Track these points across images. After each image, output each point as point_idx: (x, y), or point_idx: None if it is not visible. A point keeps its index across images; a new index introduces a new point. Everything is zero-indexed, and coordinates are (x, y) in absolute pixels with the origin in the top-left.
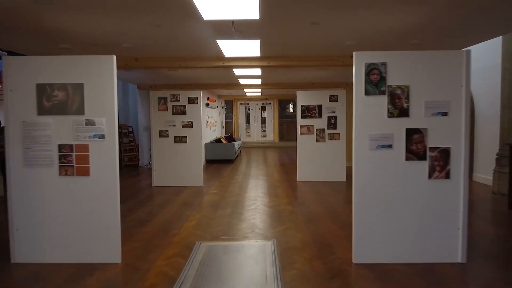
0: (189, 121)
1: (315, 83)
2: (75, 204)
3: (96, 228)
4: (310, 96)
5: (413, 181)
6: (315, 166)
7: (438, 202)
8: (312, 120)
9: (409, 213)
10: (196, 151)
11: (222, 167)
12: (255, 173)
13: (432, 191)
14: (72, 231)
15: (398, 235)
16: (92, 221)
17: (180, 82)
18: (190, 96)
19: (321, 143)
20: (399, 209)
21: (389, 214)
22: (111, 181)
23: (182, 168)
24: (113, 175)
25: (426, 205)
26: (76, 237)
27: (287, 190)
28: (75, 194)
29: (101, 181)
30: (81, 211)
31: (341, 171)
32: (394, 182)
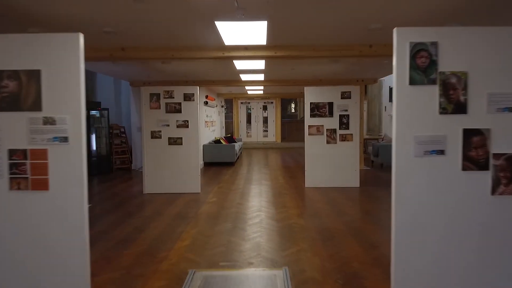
0: (184, 120)
1: (323, 79)
2: (29, 227)
3: (57, 258)
4: (320, 92)
5: (472, 198)
6: (325, 170)
7: (505, 226)
8: (322, 119)
9: (467, 240)
10: (192, 154)
11: (221, 170)
12: (258, 178)
13: (497, 211)
14: (26, 262)
15: (453, 270)
16: (51, 249)
17: (176, 79)
18: (185, 92)
19: (332, 145)
20: (454, 235)
21: (440, 242)
22: (77, 197)
23: (177, 173)
24: (79, 190)
25: (489, 229)
26: (30, 270)
27: (295, 199)
28: (30, 214)
29: (63, 197)
30: (37, 236)
31: (354, 176)
32: (447, 199)
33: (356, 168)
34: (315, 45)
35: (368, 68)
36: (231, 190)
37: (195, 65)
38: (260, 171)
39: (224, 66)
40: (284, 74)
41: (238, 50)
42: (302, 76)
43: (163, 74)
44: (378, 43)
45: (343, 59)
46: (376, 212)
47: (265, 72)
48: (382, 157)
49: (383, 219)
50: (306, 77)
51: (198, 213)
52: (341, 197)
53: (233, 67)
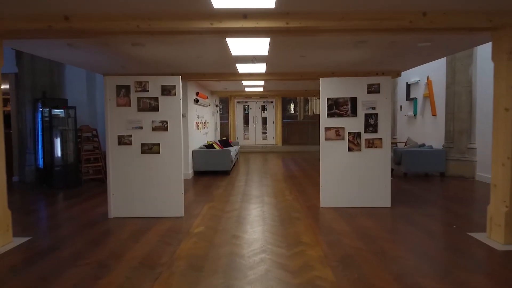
0: (162, 121)
1: (335, 72)
2: None
3: None
4: (340, 85)
5: None
6: (346, 185)
7: None
8: (343, 120)
9: None
10: (173, 166)
11: (214, 181)
12: (259, 193)
13: None
14: None
15: None
16: None
17: (158, 71)
18: (164, 84)
19: (356, 153)
20: None
21: None
22: None
23: (153, 192)
24: None
25: None
26: None
27: (312, 228)
28: None
29: None
30: None
31: (384, 194)
32: None
33: (386, 183)
34: (345, 12)
35: (397, 56)
36: (225, 213)
37: (178, 50)
38: (261, 183)
39: (215, 50)
40: (291, 64)
41: (234, 19)
42: (311, 67)
43: (142, 65)
44: (435, 10)
45: (374, 39)
46: (441, 256)
47: (268, 59)
48: (406, 166)
49: (460, 271)
50: (315, 69)
51: (175, 256)
52: (374, 225)
53: (227, 52)
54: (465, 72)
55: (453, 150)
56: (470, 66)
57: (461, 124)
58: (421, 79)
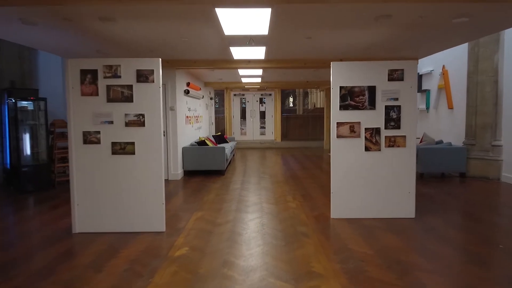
0: (138, 114)
1: (343, 59)
2: None
3: None
4: (355, 70)
5: None
6: (363, 192)
7: None
8: (359, 113)
9: None
10: (152, 169)
11: (206, 183)
12: (257, 198)
13: None
14: None
15: None
16: None
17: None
18: (140, 68)
19: (374, 153)
20: None
21: None
22: None
23: (127, 201)
24: None
25: None
26: None
27: (325, 250)
28: None
29: None
30: None
31: (407, 202)
32: None
33: (410, 189)
34: None
35: (419, 38)
36: (216, 227)
37: (158, 29)
38: (259, 185)
39: (203, 28)
40: (294, 47)
41: None
42: (316, 53)
43: (121, 49)
44: None
45: (401, 13)
46: None
47: (268, 41)
48: (423, 165)
49: None
50: (321, 55)
51: None
52: (402, 245)
53: (219, 32)
54: (490, 60)
55: (475, 147)
56: (496, 53)
57: (485, 118)
58: (435, 69)
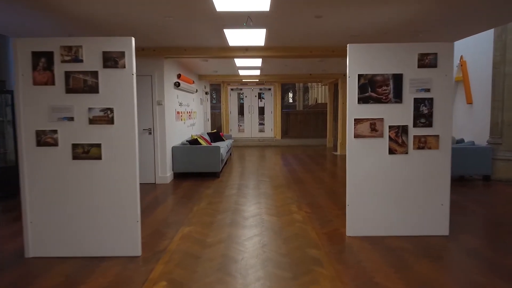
0: (106, 108)
1: None
2: None
3: None
4: (378, 54)
5: None
6: (385, 205)
7: None
8: (381, 108)
9: None
10: (123, 178)
11: (198, 187)
12: (256, 207)
13: None
14: None
15: None
16: None
17: None
18: (107, 49)
19: (400, 157)
20: None
21: None
22: None
23: (93, 218)
24: None
25: None
26: None
27: (345, 286)
28: None
29: None
30: None
31: (440, 217)
32: None
33: (444, 200)
34: None
35: (453, 17)
36: (205, 249)
37: (132, 2)
38: (259, 191)
39: (190, 1)
40: (299, 30)
41: None
42: (324, 38)
43: (97, 32)
44: None
45: None
46: None
47: (269, 22)
48: None
49: None
50: (330, 40)
51: None
52: (444, 279)
53: (209, 7)
54: None
55: (502, 147)
56: None
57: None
58: None
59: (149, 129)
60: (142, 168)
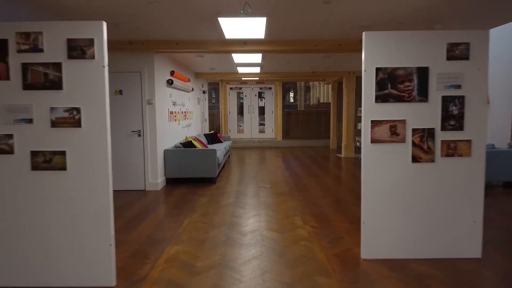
0: (71, 108)
1: None
2: None
3: None
4: (399, 43)
5: None
6: (408, 222)
7: None
8: (403, 108)
9: None
10: (93, 193)
11: (192, 196)
12: (255, 221)
13: None
14: None
15: None
16: None
17: (111, 38)
18: (72, 36)
19: (425, 166)
20: None
21: None
22: None
23: (55, 241)
24: None
25: None
26: None
27: None
28: None
29: None
30: None
31: (471, 236)
32: None
33: (476, 217)
34: None
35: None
36: (194, 276)
37: None
38: (258, 199)
39: None
40: (305, 20)
41: None
42: (335, 26)
43: (66, 19)
44: None
45: None
46: None
47: (270, 8)
48: None
49: None
50: (341, 30)
51: None
52: None
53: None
54: None
55: None
56: None
57: None
58: None
59: (138, 131)
60: (131, 173)
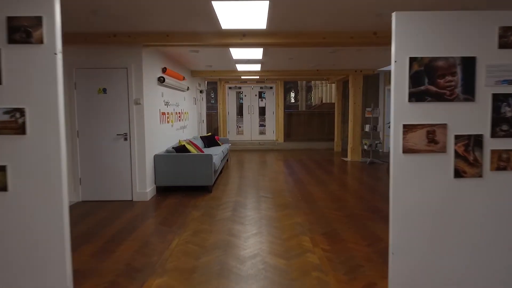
0: (12, 109)
1: (379, 32)
2: None
3: None
4: (438, 27)
5: None
6: (451, 253)
7: None
8: (444, 109)
9: None
10: (45, 219)
11: (184, 208)
12: (256, 243)
13: None
14: None
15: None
16: None
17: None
18: (11, 14)
19: (471, 182)
20: None
21: None
22: None
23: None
24: None
25: None
26: None
27: None
28: None
29: None
30: None
31: None
32: None
33: None
34: None
35: None
36: None
37: None
38: (259, 213)
39: None
40: (313, 7)
41: None
42: (348, 15)
43: None
44: None
45: None
46: None
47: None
48: None
49: None
50: (354, 18)
51: None
52: None
53: None
54: None
55: None
56: None
57: None
58: None
59: (124, 134)
60: (116, 182)
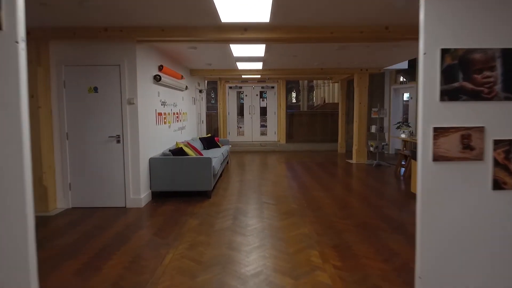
0: None
1: (389, 27)
2: None
3: None
4: (475, 13)
5: None
6: (487, 276)
7: None
8: (481, 109)
9: None
10: (5, 240)
11: (180, 215)
12: (259, 258)
13: None
14: None
15: None
16: None
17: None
18: None
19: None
20: None
21: None
22: None
23: None
24: None
25: None
26: None
27: None
28: None
29: None
30: None
31: None
32: None
33: None
34: None
35: None
36: None
37: None
38: (262, 221)
39: None
40: None
41: None
42: (353, 9)
43: None
44: None
45: None
46: None
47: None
48: None
49: None
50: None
51: None
52: None
53: None
54: None
55: None
56: None
57: None
58: None
59: (117, 136)
60: (108, 187)
